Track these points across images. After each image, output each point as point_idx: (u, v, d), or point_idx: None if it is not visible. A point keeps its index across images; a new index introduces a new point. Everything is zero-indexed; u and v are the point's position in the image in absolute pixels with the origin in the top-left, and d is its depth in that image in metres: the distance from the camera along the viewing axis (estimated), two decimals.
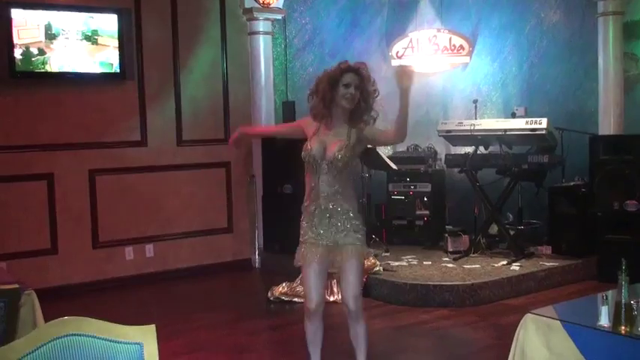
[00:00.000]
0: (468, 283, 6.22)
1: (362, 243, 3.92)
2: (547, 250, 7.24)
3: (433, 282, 6.27)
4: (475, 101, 8.08)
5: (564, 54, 7.81)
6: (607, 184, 6.78)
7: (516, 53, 8.26)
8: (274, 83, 8.18)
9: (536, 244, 7.39)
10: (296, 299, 6.48)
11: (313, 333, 4.08)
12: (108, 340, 2.26)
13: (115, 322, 2.25)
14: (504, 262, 6.84)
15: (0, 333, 3.07)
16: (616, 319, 2.74)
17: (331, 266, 4.04)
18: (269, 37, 8.09)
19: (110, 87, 7.18)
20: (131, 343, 2.30)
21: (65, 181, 6.99)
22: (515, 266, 6.74)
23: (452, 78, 8.87)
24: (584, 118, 7.53)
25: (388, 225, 8.05)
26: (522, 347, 3.03)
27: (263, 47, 8.02)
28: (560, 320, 2.89)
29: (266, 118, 8.06)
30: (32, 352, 2.13)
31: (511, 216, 7.79)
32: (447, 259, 7.20)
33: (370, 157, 7.29)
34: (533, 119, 6.90)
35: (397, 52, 8.92)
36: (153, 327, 2.34)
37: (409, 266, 6.95)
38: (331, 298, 6.47)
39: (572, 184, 7.24)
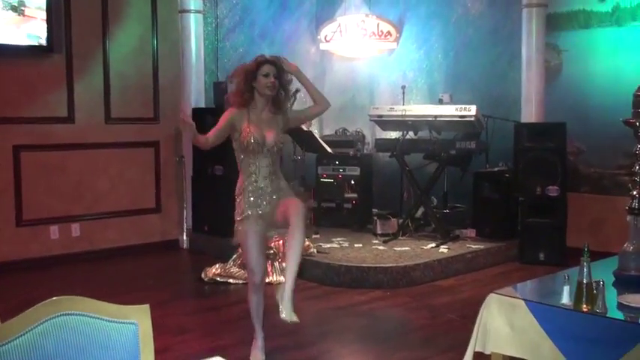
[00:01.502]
0: (401, 265, 6.38)
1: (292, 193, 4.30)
2: (471, 233, 7.51)
3: (367, 264, 6.40)
4: (403, 87, 8.27)
5: (489, 43, 8.06)
6: (530, 170, 7.07)
7: (442, 41, 8.48)
8: (205, 63, 8.08)
9: (461, 227, 7.64)
10: (231, 280, 6.49)
11: (257, 305, 4.33)
12: (102, 320, 2.22)
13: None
14: (433, 245, 7.05)
15: None
16: (577, 298, 2.90)
17: (274, 228, 4.45)
18: (200, 15, 7.98)
19: (37, 60, 6.94)
20: (126, 323, 2.27)
21: None
22: (443, 248, 6.96)
23: (379, 63, 9.02)
24: (507, 106, 7.80)
25: (317, 207, 8.13)
26: (485, 325, 3.16)
27: (194, 26, 7.91)
28: (524, 300, 3.03)
29: (196, 97, 7.98)
30: (26, 332, 2.07)
31: (435, 200, 8.01)
32: (376, 241, 7.35)
33: (305, 139, 7.34)
34: (463, 106, 7.11)
35: (326, 36, 9.00)
36: (147, 306, 2.32)
37: (341, 248, 7.06)
38: (267, 280, 6.50)
39: (496, 169, 7.52)
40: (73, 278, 6.71)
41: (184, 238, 8.02)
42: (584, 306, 2.88)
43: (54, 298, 2.16)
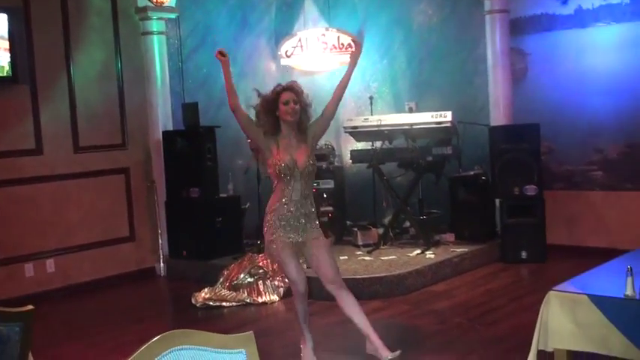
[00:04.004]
0: (395, 273, 6.39)
1: (321, 233, 4.53)
2: (450, 237, 7.59)
3: (361, 275, 6.38)
4: (371, 97, 8.33)
5: (453, 50, 8.17)
6: (507, 172, 7.21)
7: (405, 49, 8.55)
8: (170, 85, 7.92)
9: (439, 232, 7.71)
10: (224, 304, 6.36)
11: (304, 312, 4.60)
12: (214, 351, 2.16)
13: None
14: (418, 252, 7.08)
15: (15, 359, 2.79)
16: None
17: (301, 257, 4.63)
18: (163, 36, 7.83)
19: (1, 92, 6.65)
20: (234, 352, 2.21)
21: None
22: (429, 254, 7.01)
23: (341, 76, 9.00)
24: (474, 111, 7.92)
25: None
26: (546, 324, 3.18)
27: (157, 47, 7.75)
28: (587, 294, 3.07)
29: (163, 120, 7.81)
30: None
31: (408, 207, 8.06)
32: (359, 252, 7.34)
33: None
34: (439, 112, 7.20)
35: (286, 51, 8.96)
36: (251, 334, 2.26)
37: None
38: (260, 300, 6.42)
39: (472, 173, 7.62)
40: (58, 317, 6.44)
41: (161, 265, 7.82)
42: None
43: (166, 333, 2.08)
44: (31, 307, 2.90)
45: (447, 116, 7.14)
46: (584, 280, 3.31)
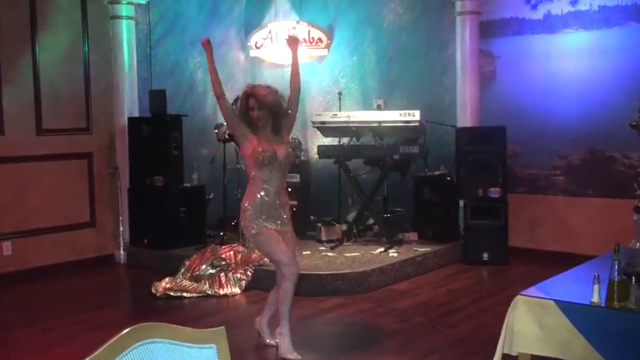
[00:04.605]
0: (358, 270, 6.39)
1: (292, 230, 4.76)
2: (414, 236, 7.61)
3: (324, 271, 6.37)
4: (339, 93, 8.32)
5: (422, 50, 8.19)
6: (472, 173, 7.27)
7: (375, 47, 8.55)
8: (137, 71, 7.80)
9: (401, 230, 7.73)
10: (185, 294, 6.30)
11: (291, 298, 4.65)
12: (184, 346, 2.12)
13: None
14: (381, 250, 7.10)
15: None
16: (609, 296, 3.00)
17: None
18: (132, 22, 7.69)
19: None
20: (205, 347, 2.18)
21: None
22: (392, 253, 7.03)
23: (310, 70, 8.99)
24: (441, 111, 7.95)
25: None
26: (512, 328, 3.20)
27: (126, 32, 7.62)
28: (554, 300, 3.10)
29: (129, 106, 7.69)
30: None
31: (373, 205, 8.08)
32: (322, 248, 7.34)
33: None
34: (407, 111, 7.22)
35: (256, 43, 8.90)
36: (223, 329, 2.23)
37: None
38: (221, 292, 6.37)
39: (437, 173, 7.66)
40: (13, 301, 6.32)
41: (121, 252, 7.71)
42: (617, 303, 2.97)
43: (137, 325, 2.04)
44: None
45: (415, 115, 7.17)
46: (551, 286, 3.34)
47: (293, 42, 4.92)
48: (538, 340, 3.15)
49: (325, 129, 7.67)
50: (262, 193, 4.49)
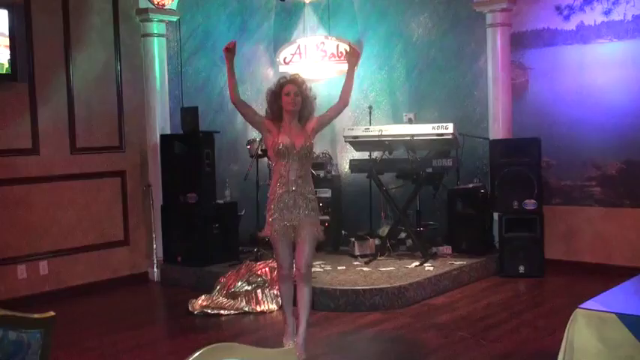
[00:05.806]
0: (395, 285, 6.33)
1: (317, 220, 4.87)
2: (447, 249, 7.55)
3: (362, 286, 6.33)
4: (370, 107, 8.30)
5: (452, 62, 8.16)
6: (506, 185, 7.21)
7: (404, 61, 8.53)
8: (168, 88, 7.83)
9: (435, 244, 7.68)
10: (222, 312, 6.26)
11: (287, 293, 4.94)
12: None
13: None
14: (417, 263, 7.05)
15: None
16: None
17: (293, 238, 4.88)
18: (163, 39, 7.74)
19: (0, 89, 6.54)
20: None
21: None
22: (427, 267, 6.97)
23: (339, 85, 8.94)
24: (472, 124, 7.92)
25: None
26: (572, 343, 3.14)
27: (157, 50, 7.67)
28: (616, 313, 3.04)
29: (161, 123, 7.72)
30: None
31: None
32: (357, 262, 7.30)
33: None
34: (440, 124, 7.19)
35: (285, 58, 8.91)
36: (293, 348, 2.21)
37: (325, 272, 6.96)
38: (258, 308, 6.34)
39: (471, 185, 7.60)
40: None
41: (155, 270, 7.71)
42: None
43: (211, 345, 2.01)
44: (52, 313, 2.82)
45: (448, 128, 7.14)
46: (611, 298, 3.28)
47: (353, 55, 4.99)
48: (599, 355, 3.08)
49: (358, 143, 7.65)
50: (279, 184, 4.72)
